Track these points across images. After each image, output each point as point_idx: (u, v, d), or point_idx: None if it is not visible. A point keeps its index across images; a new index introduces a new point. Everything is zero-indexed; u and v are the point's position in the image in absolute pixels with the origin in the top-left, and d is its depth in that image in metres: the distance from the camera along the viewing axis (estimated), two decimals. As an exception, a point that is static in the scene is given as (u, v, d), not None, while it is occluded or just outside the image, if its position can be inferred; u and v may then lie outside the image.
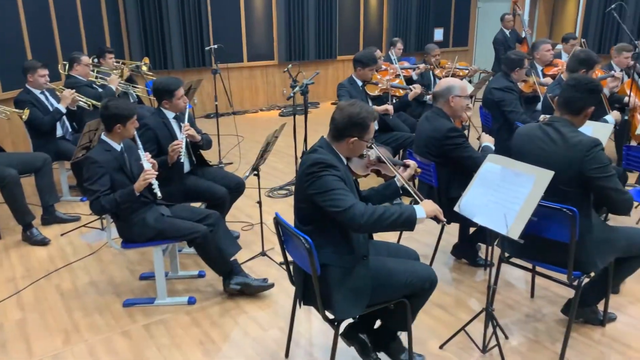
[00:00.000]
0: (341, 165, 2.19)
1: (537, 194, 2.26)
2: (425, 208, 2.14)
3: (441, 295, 3.20)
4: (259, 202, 3.60)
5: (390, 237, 3.84)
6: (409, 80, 5.80)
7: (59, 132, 4.76)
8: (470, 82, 6.12)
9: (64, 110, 4.56)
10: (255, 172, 3.41)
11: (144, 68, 6.13)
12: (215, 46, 5.82)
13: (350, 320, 2.52)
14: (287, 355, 2.67)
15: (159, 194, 2.87)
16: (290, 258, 2.42)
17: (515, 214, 2.29)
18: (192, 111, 7.53)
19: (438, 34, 10.91)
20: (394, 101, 4.90)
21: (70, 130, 4.89)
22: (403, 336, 2.55)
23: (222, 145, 6.35)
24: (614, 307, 3.00)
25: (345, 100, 2.26)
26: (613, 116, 3.70)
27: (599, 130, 3.18)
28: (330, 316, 2.28)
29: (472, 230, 3.52)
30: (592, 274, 2.72)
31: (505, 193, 2.38)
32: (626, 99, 4.95)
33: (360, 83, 4.79)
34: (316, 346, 2.76)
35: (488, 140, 3.32)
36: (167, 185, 3.46)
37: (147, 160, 2.97)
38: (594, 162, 2.37)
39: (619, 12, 7.78)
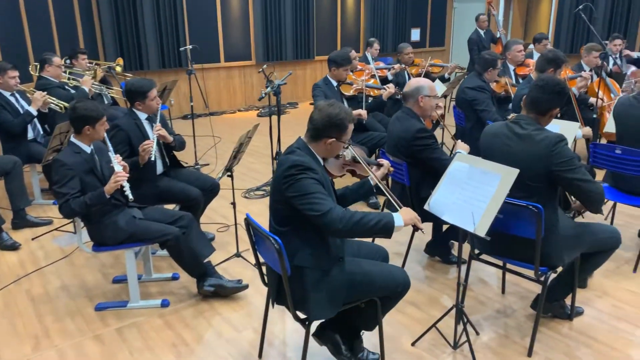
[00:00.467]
0: (319, 167, 2.19)
1: (502, 192, 2.31)
2: (403, 216, 2.16)
3: (414, 293, 3.23)
4: (233, 203, 3.60)
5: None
6: (385, 80, 5.84)
7: (30, 134, 4.68)
8: (447, 80, 6.18)
9: (35, 113, 4.48)
10: (229, 173, 3.40)
11: (118, 69, 6.05)
12: (190, 47, 5.78)
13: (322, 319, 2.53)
14: (260, 355, 2.67)
15: (130, 196, 2.84)
16: (262, 259, 2.43)
17: (482, 212, 2.34)
18: (169, 112, 7.50)
19: (415, 34, 11.00)
20: (369, 101, 4.93)
21: (42, 132, 4.81)
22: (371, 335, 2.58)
23: (199, 146, 6.31)
24: (581, 301, 3.07)
25: (324, 101, 2.26)
26: (583, 132, 3.78)
27: (567, 129, 3.26)
28: (302, 316, 2.30)
29: (445, 228, 3.56)
30: (560, 269, 2.79)
31: (473, 191, 2.42)
32: (592, 99, 5.08)
33: (335, 83, 4.81)
34: (289, 346, 2.77)
35: (462, 148, 3.35)
36: (140, 187, 3.43)
37: (117, 163, 2.94)
38: (559, 157, 2.43)
39: (590, 13, 7.97)
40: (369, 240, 3.01)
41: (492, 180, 2.36)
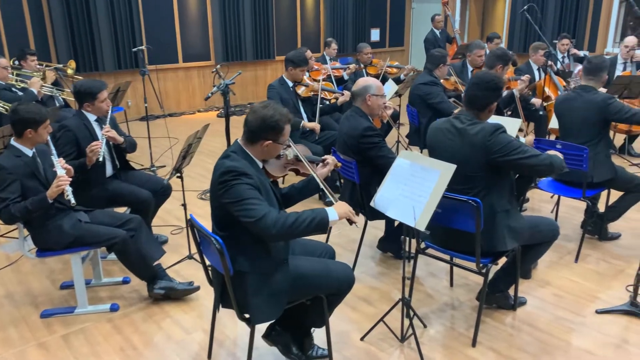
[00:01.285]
0: (255, 171, 2.17)
1: (441, 187, 2.37)
2: (337, 210, 2.17)
3: (365, 288, 3.28)
4: (184, 205, 3.56)
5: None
6: (341, 80, 5.89)
7: (-26, 138, 4.51)
8: (402, 81, 6.27)
9: (-22, 116, 4.33)
10: (178, 174, 3.37)
11: (70, 71, 5.90)
12: (143, 47, 5.69)
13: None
14: (209, 356, 2.66)
15: (72, 200, 2.78)
16: (208, 262, 2.42)
17: (423, 207, 2.39)
18: (125, 114, 7.36)
19: (375, 34, 11.11)
20: (325, 103, 4.97)
21: (-14, 136, 4.64)
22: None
23: (156, 148, 6.22)
24: (525, 291, 3.18)
25: (258, 103, 2.25)
26: (526, 141, 3.91)
27: (509, 125, 3.36)
28: (247, 315, 2.30)
29: (397, 223, 3.62)
30: (504, 261, 2.89)
31: (414, 187, 2.48)
32: (534, 100, 5.25)
33: (290, 84, 4.83)
34: (240, 347, 2.77)
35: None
36: (89, 189, 3.38)
37: (60, 166, 2.87)
38: (496, 145, 2.52)
39: (534, 13, 8.22)
40: (318, 237, 3.04)
41: (432, 176, 2.42)
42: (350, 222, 2.22)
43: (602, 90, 3.57)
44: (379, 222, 3.71)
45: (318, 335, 2.64)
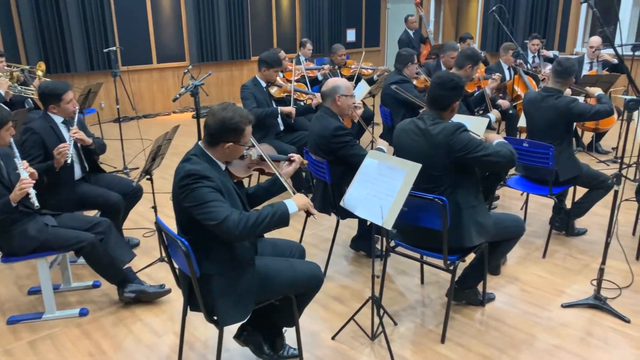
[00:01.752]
0: (216, 174, 2.16)
1: (407, 186, 2.40)
2: (296, 202, 2.19)
3: (338, 287, 3.30)
4: (154, 207, 3.54)
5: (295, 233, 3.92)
6: (315, 81, 5.91)
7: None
8: (375, 81, 6.32)
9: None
10: (148, 177, 3.34)
11: (39, 73, 5.79)
12: (114, 48, 5.62)
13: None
14: (179, 359, 2.64)
15: (36, 203, 2.73)
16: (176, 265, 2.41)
17: (390, 206, 2.42)
18: (97, 115, 7.26)
19: (350, 34, 11.17)
20: (298, 104, 4.97)
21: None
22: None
23: (129, 150, 6.16)
24: (493, 287, 3.24)
25: (217, 105, 2.24)
26: (494, 114, 3.98)
27: (477, 124, 3.42)
28: (216, 317, 2.29)
29: (369, 222, 3.65)
30: (472, 258, 2.93)
31: (381, 186, 2.50)
32: (500, 101, 5.35)
33: (264, 84, 4.83)
34: (210, 348, 2.76)
35: (381, 144, 3.47)
36: (57, 192, 3.33)
37: (24, 169, 2.82)
38: (458, 143, 2.56)
39: (507, 13, 8.37)
40: (292, 236, 3.05)
41: (398, 175, 2.45)
42: (309, 213, 2.23)
43: (568, 92, 3.65)
44: (352, 222, 3.74)
45: (290, 335, 2.64)
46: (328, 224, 4.18)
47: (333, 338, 2.79)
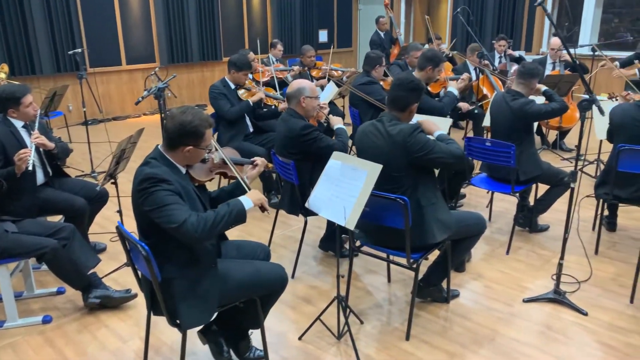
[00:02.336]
0: (175, 177, 2.15)
1: (369, 186, 2.44)
2: (251, 198, 2.20)
3: (306, 288, 3.33)
4: (119, 211, 3.50)
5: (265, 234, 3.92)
6: (284, 82, 5.91)
7: None
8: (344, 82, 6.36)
9: None
10: (113, 180, 3.31)
11: (2, 75, 5.66)
12: (80, 50, 5.53)
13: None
14: (145, 364, 2.63)
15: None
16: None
17: (352, 206, 2.45)
18: (64, 118, 7.14)
19: (323, 35, 11.21)
20: (265, 110, 4.97)
21: None
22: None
23: (97, 153, 6.06)
24: (459, 284, 3.31)
25: (176, 108, 2.23)
26: (453, 85, 4.07)
27: (440, 124, 3.48)
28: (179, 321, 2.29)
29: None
30: (436, 255, 2.99)
31: (344, 187, 2.53)
32: (460, 104, 5.45)
33: (233, 86, 4.82)
34: (177, 352, 2.74)
35: (337, 122, 3.56)
36: (19, 199, 3.25)
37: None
38: (416, 145, 2.62)
39: (472, 14, 8.52)
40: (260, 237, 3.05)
41: (360, 176, 2.48)
42: (263, 209, 2.24)
43: (534, 97, 3.74)
44: (322, 222, 3.76)
45: (256, 337, 2.65)
46: (297, 225, 4.20)
47: (300, 338, 2.81)
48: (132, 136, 3.38)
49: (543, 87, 3.81)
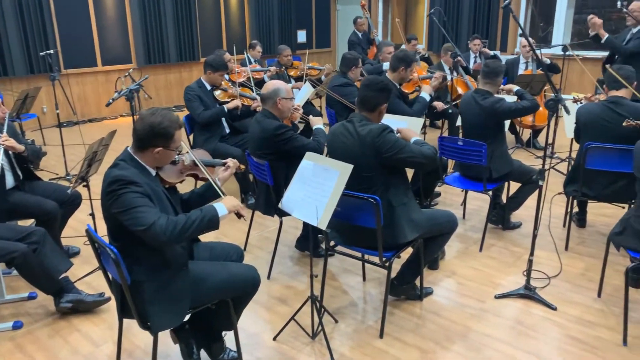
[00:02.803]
0: (145, 179, 2.14)
1: (340, 186, 2.46)
2: (226, 205, 2.19)
3: (281, 288, 3.33)
4: (92, 214, 3.46)
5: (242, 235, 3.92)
6: (261, 83, 5.91)
7: None
8: (322, 81, 6.38)
9: None
10: (85, 184, 3.27)
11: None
12: (52, 51, 5.45)
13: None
14: (117, 368, 2.61)
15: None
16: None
17: (324, 206, 2.47)
18: (38, 120, 7.02)
19: (301, 35, 11.22)
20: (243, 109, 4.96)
21: None
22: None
23: (72, 156, 5.98)
24: (433, 281, 3.35)
25: (146, 110, 2.23)
26: (426, 90, 4.12)
27: (413, 124, 3.53)
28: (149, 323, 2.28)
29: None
30: (409, 253, 3.02)
31: (316, 187, 2.55)
32: (435, 102, 5.52)
33: (209, 87, 4.80)
34: (150, 354, 2.72)
35: (318, 122, 3.60)
36: (-13, 203, 3.21)
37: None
38: (385, 144, 2.64)
39: (445, 16, 8.60)
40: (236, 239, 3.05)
41: (332, 176, 2.50)
42: (239, 215, 2.24)
43: (505, 96, 3.81)
44: (299, 222, 3.77)
45: (231, 338, 2.65)
46: (274, 225, 4.20)
47: (274, 339, 2.81)
48: (104, 138, 3.34)
49: (515, 87, 3.88)
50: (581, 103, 3.93)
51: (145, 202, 2.05)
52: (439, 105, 5.46)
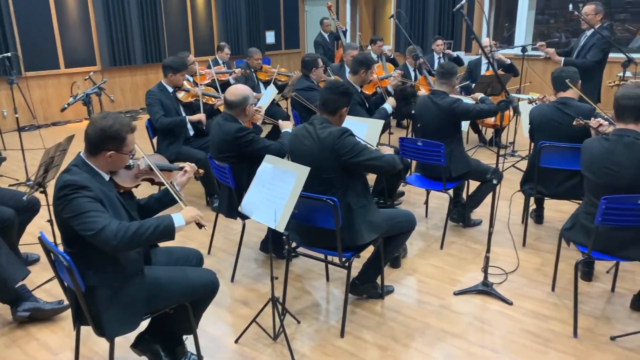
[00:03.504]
0: (97, 184, 2.13)
1: (298, 188, 2.49)
2: (184, 215, 2.17)
3: (245, 291, 3.35)
4: (50, 221, 3.41)
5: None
6: (227, 84, 5.89)
7: None
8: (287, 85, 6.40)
9: None
10: (42, 189, 3.22)
11: None
12: (9, 54, 5.32)
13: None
14: (75, 376, 2.58)
15: None
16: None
17: (282, 209, 2.50)
18: (-2, 125, 6.83)
19: (270, 36, 11.20)
20: (206, 108, 4.95)
21: None
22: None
23: (34, 160, 5.85)
24: (394, 280, 3.42)
25: (97, 114, 2.22)
26: (389, 102, 4.20)
27: (373, 126, 3.59)
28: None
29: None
30: (370, 252, 3.07)
31: (275, 190, 2.58)
32: (419, 92, 5.62)
33: (170, 89, 4.77)
34: (110, 362, 2.71)
35: (287, 126, 3.68)
36: (-60, 211, 3.12)
37: None
38: (344, 147, 2.69)
39: (422, 16, 8.72)
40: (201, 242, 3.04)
41: (290, 179, 2.53)
42: (200, 225, 2.24)
43: (465, 97, 3.90)
44: (263, 225, 3.76)
45: (191, 343, 2.64)
46: (239, 228, 4.18)
47: (236, 341, 2.82)
48: (61, 143, 3.29)
49: (480, 95, 3.98)
50: (537, 104, 4.06)
51: (96, 207, 2.03)
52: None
